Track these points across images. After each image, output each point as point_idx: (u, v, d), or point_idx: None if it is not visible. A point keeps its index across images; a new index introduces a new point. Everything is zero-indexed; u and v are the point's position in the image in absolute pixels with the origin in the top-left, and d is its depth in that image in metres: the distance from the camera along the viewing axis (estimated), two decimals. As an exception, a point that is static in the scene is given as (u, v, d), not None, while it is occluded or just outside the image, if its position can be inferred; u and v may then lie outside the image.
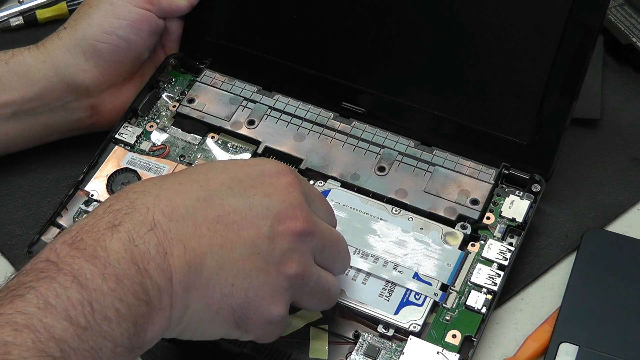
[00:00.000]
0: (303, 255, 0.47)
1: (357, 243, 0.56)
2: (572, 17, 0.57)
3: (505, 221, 0.58)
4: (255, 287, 0.45)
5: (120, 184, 0.61)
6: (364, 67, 0.63)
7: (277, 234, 0.46)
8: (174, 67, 0.68)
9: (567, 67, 0.58)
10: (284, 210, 0.46)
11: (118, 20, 0.62)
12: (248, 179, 0.47)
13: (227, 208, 0.46)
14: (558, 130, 0.59)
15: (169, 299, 0.43)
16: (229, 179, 0.47)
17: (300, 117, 0.64)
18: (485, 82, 0.61)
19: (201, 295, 0.44)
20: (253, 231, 0.46)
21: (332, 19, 0.64)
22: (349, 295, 0.54)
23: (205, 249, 0.44)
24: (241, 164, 0.49)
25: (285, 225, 0.46)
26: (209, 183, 0.47)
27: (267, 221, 0.46)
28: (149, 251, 0.43)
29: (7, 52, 0.63)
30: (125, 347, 0.41)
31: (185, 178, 0.47)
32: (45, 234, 0.59)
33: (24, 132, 0.64)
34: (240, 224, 0.45)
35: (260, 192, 0.47)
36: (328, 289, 0.49)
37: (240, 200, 0.46)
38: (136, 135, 0.64)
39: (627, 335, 0.55)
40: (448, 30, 0.61)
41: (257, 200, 0.46)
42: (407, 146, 0.62)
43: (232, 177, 0.47)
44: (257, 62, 0.66)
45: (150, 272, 0.42)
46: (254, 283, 0.45)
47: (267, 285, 0.46)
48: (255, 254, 0.45)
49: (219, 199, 0.46)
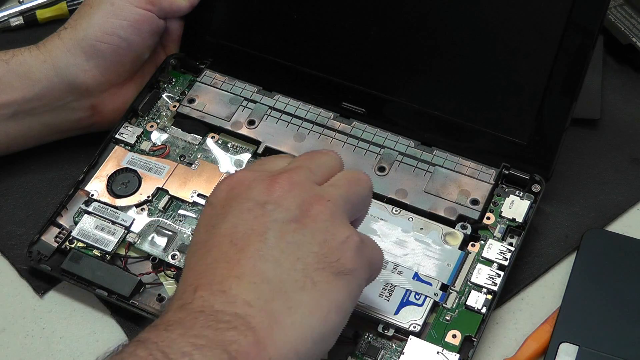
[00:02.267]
0: (305, 186, 0.47)
1: None
2: (572, 18, 0.57)
3: (505, 221, 0.59)
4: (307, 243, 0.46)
5: (121, 183, 0.61)
6: (364, 67, 0.63)
7: (269, 199, 0.46)
8: (174, 67, 0.68)
9: (567, 68, 0.58)
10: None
11: (119, 20, 0.62)
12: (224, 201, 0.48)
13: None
14: (558, 131, 0.59)
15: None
16: (227, 200, 0.48)
17: (300, 117, 0.64)
18: (486, 83, 0.61)
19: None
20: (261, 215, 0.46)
21: (333, 19, 0.64)
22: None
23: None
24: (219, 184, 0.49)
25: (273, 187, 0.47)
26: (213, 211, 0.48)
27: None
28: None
29: (7, 52, 0.63)
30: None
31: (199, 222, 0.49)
32: (45, 233, 0.59)
33: (24, 132, 0.64)
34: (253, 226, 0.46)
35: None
36: (356, 178, 0.50)
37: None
38: (136, 135, 0.64)
39: (627, 335, 0.55)
40: (448, 30, 0.61)
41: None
42: (407, 146, 0.62)
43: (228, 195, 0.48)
44: (257, 63, 0.66)
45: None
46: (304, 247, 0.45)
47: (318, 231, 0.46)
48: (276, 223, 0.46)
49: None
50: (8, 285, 0.60)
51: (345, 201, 0.48)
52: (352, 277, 0.46)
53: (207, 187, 0.61)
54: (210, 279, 0.44)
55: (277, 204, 0.46)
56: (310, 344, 0.44)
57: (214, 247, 0.46)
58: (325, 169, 0.50)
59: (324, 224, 0.46)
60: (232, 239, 0.45)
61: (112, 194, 0.61)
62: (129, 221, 0.59)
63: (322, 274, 0.45)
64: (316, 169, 0.49)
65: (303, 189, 0.47)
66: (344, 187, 0.49)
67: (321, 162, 0.50)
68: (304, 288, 0.44)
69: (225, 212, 0.47)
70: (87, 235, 0.59)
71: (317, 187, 0.48)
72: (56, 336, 0.58)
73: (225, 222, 0.46)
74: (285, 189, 0.47)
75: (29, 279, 0.60)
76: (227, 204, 0.47)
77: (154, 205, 0.60)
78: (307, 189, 0.47)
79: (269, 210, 0.46)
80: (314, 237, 0.45)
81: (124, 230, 0.59)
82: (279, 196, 0.46)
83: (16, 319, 0.59)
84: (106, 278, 0.57)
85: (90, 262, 0.58)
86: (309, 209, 0.46)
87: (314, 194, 0.47)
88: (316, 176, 0.49)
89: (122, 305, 0.57)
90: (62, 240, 0.59)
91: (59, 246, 0.59)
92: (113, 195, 0.61)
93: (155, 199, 0.61)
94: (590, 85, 0.67)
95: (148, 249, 0.58)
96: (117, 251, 0.59)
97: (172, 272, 0.58)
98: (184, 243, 0.58)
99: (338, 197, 0.48)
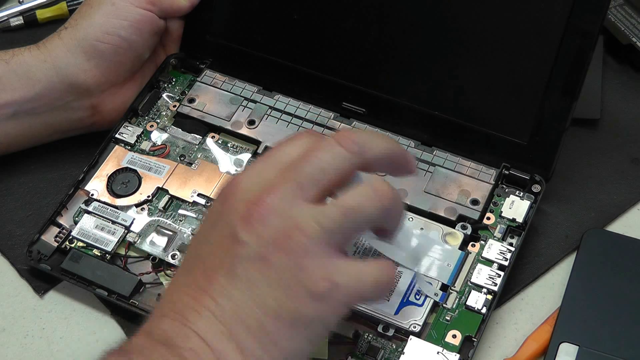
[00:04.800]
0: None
1: (357, 243, 0.56)
2: (573, 18, 0.57)
3: (505, 221, 0.59)
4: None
5: (121, 183, 0.61)
6: (364, 67, 0.63)
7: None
8: (175, 67, 0.68)
9: (567, 68, 0.58)
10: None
11: (119, 20, 0.62)
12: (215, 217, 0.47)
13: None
14: (558, 131, 0.59)
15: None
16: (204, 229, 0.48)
17: (300, 117, 0.64)
18: (486, 83, 0.61)
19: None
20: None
21: (333, 19, 0.64)
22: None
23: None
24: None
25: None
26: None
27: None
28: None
29: (7, 52, 0.63)
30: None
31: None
32: (45, 233, 0.59)
33: (24, 131, 0.64)
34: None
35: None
36: (370, 194, 0.46)
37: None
38: (136, 135, 0.64)
39: (627, 335, 0.55)
40: (449, 30, 0.61)
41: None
42: (408, 146, 0.62)
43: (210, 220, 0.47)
44: (257, 62, 0.66)
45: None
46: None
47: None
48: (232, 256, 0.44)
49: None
50: (8, 285, 0.60)
51: (337, 230, 0.44)
52: (313, 327, 0.44)
53: (207, 187, 0.61)
54: (178, 306, 0.44)
55: (250, 235, 0.44)
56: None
57: (193, 267, 0.46)
58: (326, 177, 0.45)
59: (294, 262, 0.43)
60: (205, 268, 0.45)
61: (112, 193, 0.61)
62: (129, 221, 0.59)
63: (277, 323, 0.43)
64: (310, 181, 0.45)
65: (282, 216, 0.44)
66: (344, 208, 0.45)
67: (321, 167, 0.45)
68: (257, 334, 0.43)
69: (211, 231, 0.46)
70: (87, 235, 0.59)
71: (301, 211, 0.44)
72: (56, 336, 0.58)
73: (207, 244, 0.46)
74: (262, 216, 0.44)
75: (29, 279, 0.60)
76: (215, 220, 0.46)
77: (154, 205, 0.60)
78: (286, 216, 0.44)
79: (241, 242, 0.44)
80: (279, 279, 0.43)
81: (124, 230, 0.59)
82: (253, 227, 0.44)
83: (16, 319, 0.59)
84: (106, 278, 0.57)
85: (90, 262, 0.58)
86: (283, 243, 0.43)
87: (292, 224, 0.44)
88: (308, 191, 0.45)
89: (122, 305, 0.57)
90: (62, 240, 0.59)
91: (59, 246, 0.59)
92: (113, 195, 0.61)
93: (155, 198, 0.61)
94: (590, 85, 0.67)
95: (148, 248, 0.58)
96: (117, 251, 0.59)
97: (172, 271, 0.58)
98: (183, 243, 0.58)
99: (324, 227, 0.44)
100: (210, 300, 0.44)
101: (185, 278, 0.46)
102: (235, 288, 0.44)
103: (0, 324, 0.58)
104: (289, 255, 0.43)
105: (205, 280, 0.45)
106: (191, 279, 0.45)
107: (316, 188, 0.45)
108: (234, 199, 0.45)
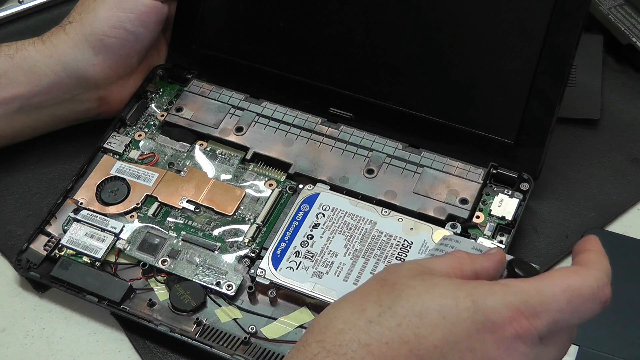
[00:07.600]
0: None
1: (348, 245, 0.56)
2: (555, 17, 0.58)
3: (494, 219, 0.59)
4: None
5: (109, 191, 0.61)
6: (350, 72, 0.64)
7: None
8: (162, 77, 0.68)
9: (551, 66, 0.59)
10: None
11: (125, 13, 0.62)
12: (465, 339, 0.40)
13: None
14: (545, 129, 0.59)
15: None
16: (443, 342, 0.40)
17: (288, 123, 0.64)
18: (471, 84, 0.61)
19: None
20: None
21: (318, 25, 0.64)
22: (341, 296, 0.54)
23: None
24: (459, 311, 0.41)
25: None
26: (420, 346, 0.40)
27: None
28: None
29: (10, 45, 0.62)
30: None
31: (394, 333, 0.41)
32: (33, 242, 0.59)
33: (30, 123, 0.63)
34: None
35: (478, 356, 0.41)
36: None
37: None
38: (124, 144, 0.64)
39: (627, 335, 0.55)
40: (433, 33, 0.62)
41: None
42: (395, 148, 0.62)
43: (447, 338, 0.40)
44: (244, 71, 0.66)
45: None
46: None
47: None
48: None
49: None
50: (8, 285, 0.60)
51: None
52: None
53: (196, 194, 0.61)
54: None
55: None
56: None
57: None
58: (565, 323, 0.42)
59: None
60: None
61: (101, 202, 0.61)
62: (118, 228, 0.59)
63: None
64: (551, 324, 0.41)
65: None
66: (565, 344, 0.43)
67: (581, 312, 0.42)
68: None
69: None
70: (76, 243, 0.59)
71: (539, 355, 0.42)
72: (56, 336, 0.57)
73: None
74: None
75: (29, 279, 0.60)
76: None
77: (143, 212, 0.60)
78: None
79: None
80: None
81: (114, 237, 0.59)
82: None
83: (16, 319, 0.58)
84: (96, 284, 0.57)
85: (80, 269, 0.57)
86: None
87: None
88: (544, 334, 0.41)
89: (112, 311, 0.56)
90: (51, 248, 0.59)
91: (48, 254, 0.59)
92: (102, 203, 0.61)
93: (144, 205, 0.61)
94: (590, 85, 0.67)
95: (138, 255, 0.58)
96: (107, 258, 0.58)
97: (163, 277, 0.57)
98: (173, 249, 0.58)
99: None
100: (360, 335, 0.41)
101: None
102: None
103: (0, 324, 0.58)
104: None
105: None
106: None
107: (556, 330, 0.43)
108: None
